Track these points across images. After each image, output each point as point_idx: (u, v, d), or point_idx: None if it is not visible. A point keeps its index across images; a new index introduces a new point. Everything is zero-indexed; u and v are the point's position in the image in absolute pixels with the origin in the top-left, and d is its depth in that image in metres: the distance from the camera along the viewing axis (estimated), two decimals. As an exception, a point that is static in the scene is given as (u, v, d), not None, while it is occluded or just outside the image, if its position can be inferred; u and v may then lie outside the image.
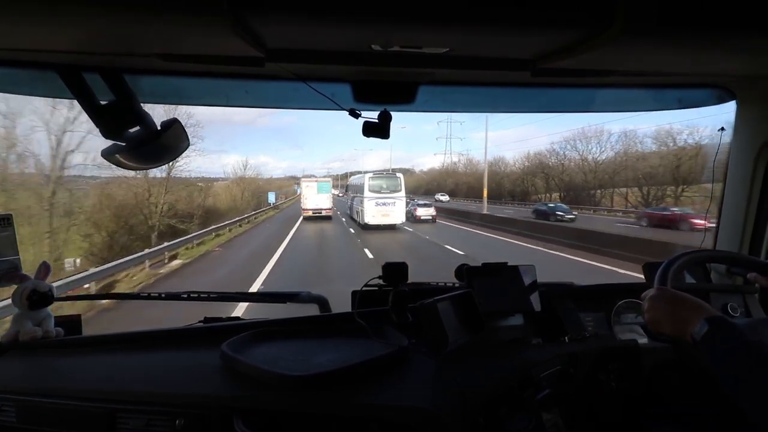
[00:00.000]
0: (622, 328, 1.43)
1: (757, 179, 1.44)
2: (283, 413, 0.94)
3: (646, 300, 0.94)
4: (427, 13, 0.80)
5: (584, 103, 1.61)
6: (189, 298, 1.50)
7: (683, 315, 0.86)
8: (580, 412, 1.18)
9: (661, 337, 0.94)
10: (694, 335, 0.82)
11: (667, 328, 0.88)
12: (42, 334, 1.25)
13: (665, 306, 0.89)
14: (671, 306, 0.89)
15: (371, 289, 1.41)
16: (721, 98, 1.47)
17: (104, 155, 1.15)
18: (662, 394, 1.22)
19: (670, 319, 0.88)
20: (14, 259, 1.23)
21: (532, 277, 1.42)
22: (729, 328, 0.80)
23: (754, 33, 0.88)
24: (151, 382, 1.06)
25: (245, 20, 0.81)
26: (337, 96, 1.25)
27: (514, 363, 1.16)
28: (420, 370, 1.06)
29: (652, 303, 0.91)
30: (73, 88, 1.10)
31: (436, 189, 65.34)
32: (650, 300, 0.92)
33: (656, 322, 0.90)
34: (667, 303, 0.89)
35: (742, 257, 1.39)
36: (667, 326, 0.89)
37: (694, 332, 0.82)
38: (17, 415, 1.02)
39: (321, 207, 25.48)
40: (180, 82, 1.27)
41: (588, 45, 0.91)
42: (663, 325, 0.89)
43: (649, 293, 0.94)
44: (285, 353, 1.13)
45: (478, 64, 1.08)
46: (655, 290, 0.94)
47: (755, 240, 1.48)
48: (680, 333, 0.86)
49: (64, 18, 0.81)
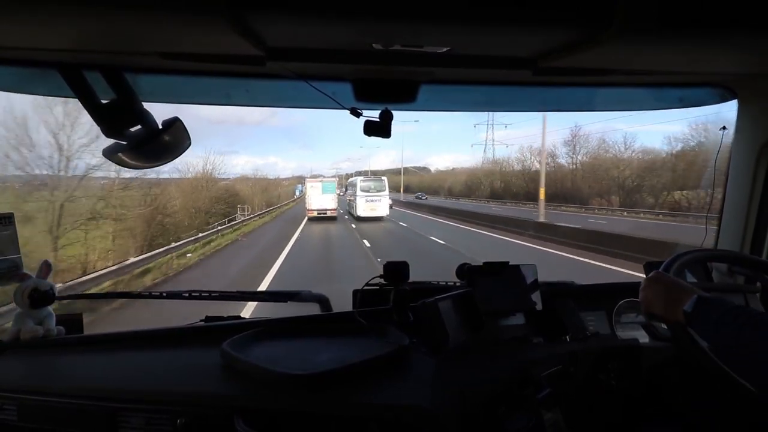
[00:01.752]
0: (623, 328, 1.43)
1: (759, 178, 1.43)
2: (283, 412, 0.94)
3: (643, 281, 0.97)
4: (428, 11, 0.80)
5: (585, 102, 1.61)
6: (190, 297, 1.50)
7: (676, 296, 0.89)
8: (581, 411, 1.18)
9: (653, 318, 0.97)
10: (685, 309, 0.84)
11: (660, 308, 0.92)
12: (43, 333, 1.25)
13: (660, 287, 0.93)
14: (665, 288, 0.92)
15: (372, 288, 1.41)
16: (722, 97, 1.46)
17: (105, 154, 1.15)
18: (663, 393, 1.22)
19: (663, 300, 0.91)
20: (15, 258, 1.24)
21: (533, 276, 1.42)
22: (718, 301, 0.82)
23: (756, 31, 0.88)
24: (152, 380, 1.06)
25: (246, 19, 0.81)
26: (338, 95, 1.25)
27: (515, 362, 1.16)
28: (420, 369, 1.06)
29: (648, 283, 0.95)
30: (74, 86, 1.10)
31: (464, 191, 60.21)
32: (647, 281, 0.96)
33: (649, 302, 0.94)
34: (663, 285, 0.93)
35: (743, 256, 1.39)
36: (659, 306, 0.92)
37: (685, 308, 0.84)
38: (18, 414, 1.02)
39: (326, 207, 25.53)
40: (181, 81, 1.27)
41: (589, 44, 0.91)
42: (655, 305, 0.93)
43: (647, 276, 0.97)
44: (286, 352, 1.13)
45: (478, 63, 1.08)
46: (654, 273, 0.97)
47: (757, 239, 1.47)
48: (672, 313, 0.88)
49: (64, 16, 0.81)
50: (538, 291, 1.40)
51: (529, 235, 16.32)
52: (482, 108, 1.65)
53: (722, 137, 1.51)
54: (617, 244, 11.93)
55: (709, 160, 1.57)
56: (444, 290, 1.29)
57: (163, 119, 1.15)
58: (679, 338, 0.92)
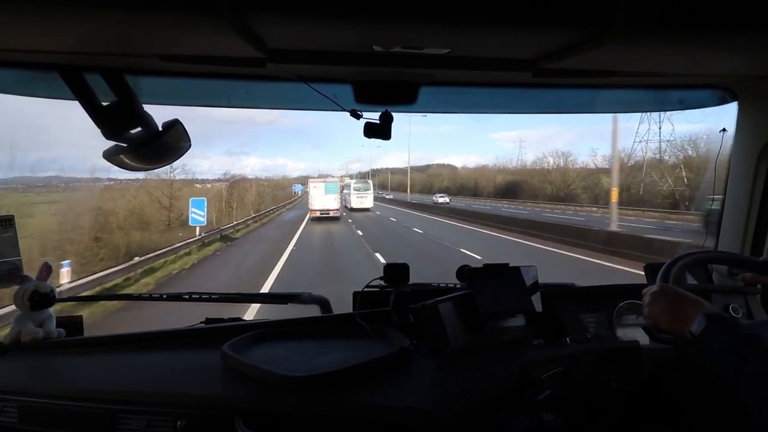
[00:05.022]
0: (623, 329, 1.43)
1: (759, 180, 1.43)
2: (284, 414, 0.94)
3: (646, 295, 0.94)
4: (429, 13, 0.80)
5: (586, 104, 1.61)
6: (190, 299, 1.50)
7: (682, 311, 0.86)
8: (582, 413, 1.17)
9: (659, 333, 0.94)
10: (693, 331, 0.82)
11: (666, 323, 0.89)
12: (44, 335, 1.25)
13: (665, 301, 0.90)
14: (671, 302, 0.89)
15: (372, 290, 1.41)
16: (722, 99, 1.46)
17: (106, 156, 1.15)
18: (663, 395, 1.22)
19: (669, 315, 0.88)
20: (16, 260, 1.24)
21: (533, 278, 1.42)
22: (726, 323, 0.80)
23: (756, 33, 0.88)
24: (152, 382, 1.06)
25: (246, 21, 0.81)
26: (338, 97, 1.25)
27: (515, 364, 1.15)
28: (421, 371, 1.06)
29: (653, 298, 0.92)
30: (75, 88, 1.10)
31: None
32: (651, 295, 0.93)
33: (655, 317, 0.91)
34: (667, 299, 0.90)
35: (743, 258, 1.39)
36: (665, 321, 0.89)
37: (692, 328, 0.82)
38: (19, 416, 1.02)
39: (328, 208, 25.70)
40: (181, 83, 1.27)
41: (589, 45, 0.91)
42: (661, 320, 0.90)
43: (650, 289, 0.94)
44: (286, 354, 1.13)
45: (479, 65, 1.08)
46: (657, 286, 0.94)
47: (757, 241, 1.47)
48: (678, 328, 0.86)
49: (65, 18, 0.81)
50: (539, 293, 1.40)
51: (597, 249, 11.76)
52: (483, 110, 1.65)
53: (722, 139, 1.51)
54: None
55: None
56: (444, 292, 1.29)
57: (164, 121, 1.15)
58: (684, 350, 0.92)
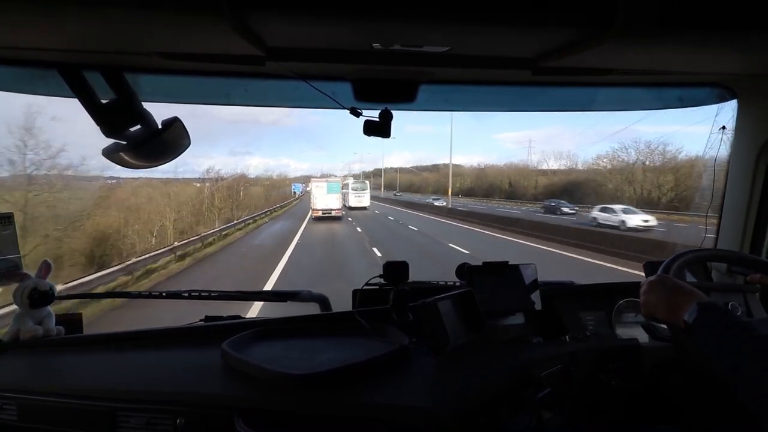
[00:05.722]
0: (622, 328, 1.43)
1: (759, 178, 1.43)
2: (283, 412, 0.94)
3: (644, 284, 0.95)
4: (428, 11, 0.80)
5: (585, 102, 1.61)
6: (190, 296, 1.50)
7: (677, 300, 0.87)
8: (581, 411, 1.18)
9: (654, 321, 0.95)
10: (686, 319, 0.83)
11: (661, 312, 0.90)
12: (43, 333, 1.25)
13: (662, 291, 0.91)
14: (668, 292, 0.90)
15: (372, 288, 1.41)
16: (722, 97, 1.47)
17: (105, 154, 1.15)
18: (663, 393, 1.22)
19: (664, 304, 0.89)
20: (15, 258, 1.24)
21: (532, 276, 1.42)
22: (719, 312, 0.81)
23: (756, 31, 0.88)
24: (152, 380, 1.06)
25: (246, 19, 0.81)
26: (337, 95, 1.25)
27: (515, 362, 1.16)
28: (420, 370, 1.06)
29: (650, 287, 0.93)
30: (74, 86, 1.09)
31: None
32: (648, 284, 0.94)
33: (651, 306, 0.92)
34: (665, 289, 0.91)
35: (743, 256, 1.39)
36: (660, 310, 0.90)
37: (685, 316, 0.83)
38: (18, 414, 1.02)
39: (331, 207, 25.89)
40: (181, 81, 1.27)
41: (589, 44, 0.91)
42: (656, 309, 0.91)
43: (648, 279, 0.95)
44: (286, 352, 1.13)
45: (478, 63, 1.08)
46: (655, 276, 0.95)
47: (756, 239, 1.47)
48: (672, 317, 0.87)
49: (64, 16, 0.81)
50: (538, 291, 1.40)
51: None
52: (482, 108, 1.65)
53: (721, 137, 1.52)
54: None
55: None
56: (444, 290, 1.29)
57: (163, 119, 1.15)
58: (680, 342, 0.92)
